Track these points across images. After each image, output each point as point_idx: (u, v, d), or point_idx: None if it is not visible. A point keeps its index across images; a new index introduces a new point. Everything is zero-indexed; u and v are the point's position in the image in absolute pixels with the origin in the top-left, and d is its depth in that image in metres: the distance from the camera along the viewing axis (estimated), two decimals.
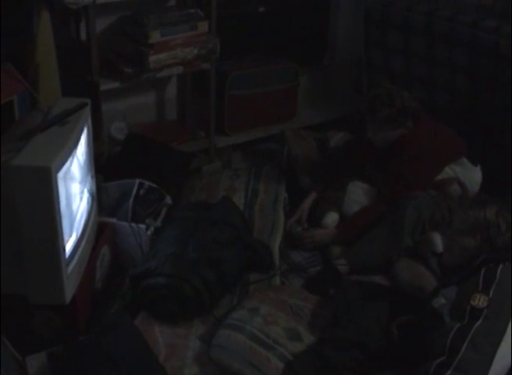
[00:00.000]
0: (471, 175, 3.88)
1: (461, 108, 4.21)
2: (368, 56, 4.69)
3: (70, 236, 2.83)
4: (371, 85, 4.77)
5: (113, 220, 3.44)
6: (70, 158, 2.72)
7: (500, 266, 2.66)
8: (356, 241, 3.63)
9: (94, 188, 3.25)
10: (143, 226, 3.42)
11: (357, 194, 3.89)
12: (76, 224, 2.91)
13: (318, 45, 5.32)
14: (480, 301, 2.56)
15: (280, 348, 2.89)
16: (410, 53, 4.38)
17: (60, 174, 2.58)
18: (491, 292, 2.58)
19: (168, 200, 3.70)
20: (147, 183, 3.62)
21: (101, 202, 3.47)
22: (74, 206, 2.88)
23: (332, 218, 3.88)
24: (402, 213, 3.50)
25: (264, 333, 2.95)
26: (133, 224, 3.41)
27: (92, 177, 3.19)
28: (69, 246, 2.80)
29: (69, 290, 2.82)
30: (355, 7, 4.94)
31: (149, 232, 3.44)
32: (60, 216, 2.62)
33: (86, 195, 3.09)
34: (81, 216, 3.01)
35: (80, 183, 2.97)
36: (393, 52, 4.49)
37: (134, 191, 3.55)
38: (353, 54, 5.00)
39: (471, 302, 2.56)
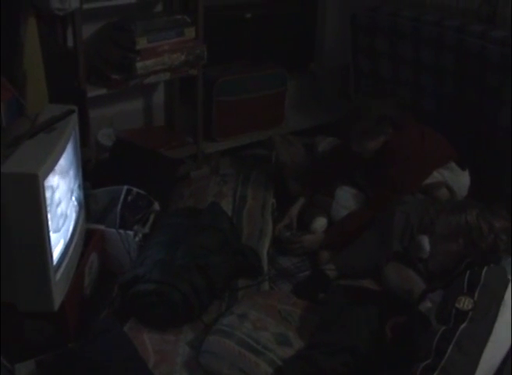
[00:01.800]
0: (460, 179, 3.90)
1: (448, 112, 4.22)
2: (355, 61, 4.70)
3: (58, 242, 2.82)
4: (358, 90, 4.78)
5: (101, 227, 3.43)
6: (58, 165, 2.72)
7: (485, 268, 2.67)
8: (344, 245, 3.64)
9: (82, 195, 3.25)
10: (131, 232, 3.42)
11: (345, 200, 3.90)
12: (64, 230, 2.91)
13: (305, 51, 5.33)
14: (465, 303, 2.57)
15: (269, 353, 2.90)
16: (397, 58, 4.39)
17: (48, 182, 2.58)
18: (476, 294, 2.59)
19: (157, 206, 3.70)
20: (135, 189, 3.62)
21: (88, 209, 3.47)
22: (62, 213, 2.87)
23: (320, 223, 3.89)
24: (390, 218, 3.51)
25: (253, 338, 2.95)
26: (122, 231, 3.41)
27: (80, 184, 3.19)
28: (56, 253, 2.79)
29: (58, 297, 2.82)
30: (342, 12, 4.95)
31: (137, 238, 3.44)
32: (48, 223, 2.62)
33: (73, 202, 3.09)
34: (69, 223, 3.00)
35: (68, 189, 2.97)
36: (380, 57, 4.50)
37: (122, 198, 3.54)
38: (341, 59, 5.02)
39: (456, 305, 2.57)
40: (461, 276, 2.69)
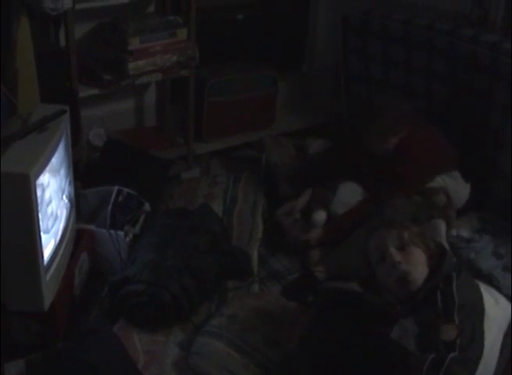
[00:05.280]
0: (461, 190, 3.87)
1: (439, 116, 4.23)
2: (346, 63, 4.70)
3: (49, 242, 2.82)
4: (349, 92, 4.79)
5: (92, 227, 3.43)
6: (49, 165, 2.72)
7: (454, 284, 2.60)
8: (340, 242, 3.63)
9: (73, 195, 3.24)
10: (121, 232, 3.42)
11: (347, 196, 3.87)
12: (54, 231, 2.91)
13: (296, 52, 5.33)
14: (448, 333, 2.48)
15: (258, 354, 2.91)
16: (388, 61, 4.40)
17: (39, 181, 2.58)
18: (456, 317, 2.51)
19: (147, 207, 3.70)
20: (125, 189, 3.61)
21: (79, 209, 3.47)
22: (53, 213, 2.87)
23: (320, 216, 3.86)
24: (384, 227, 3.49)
25: (242, 340, 2.97)
26: (112, 231, 3.40)
27: (71, 184, 3.18)
28: (47, 253, 2.79)
29: (48, 296, 2.82)
30: (333, 14, 4.95)
31: (128, 239, 3.44)
32: (39, 223, 2.62)
33: (64, 202, 3.09)
34: (60, 223, 3.00)
35: (59, 189, 2.97)
36: (372, 60, 4.51)
37: (113, 198, 3.54)
38: (332, 61, 5.02)
39: (442, 337, 2.48)
40: (430, 299, 2.61)
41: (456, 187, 3.86)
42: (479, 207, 3.89)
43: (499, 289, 3.16)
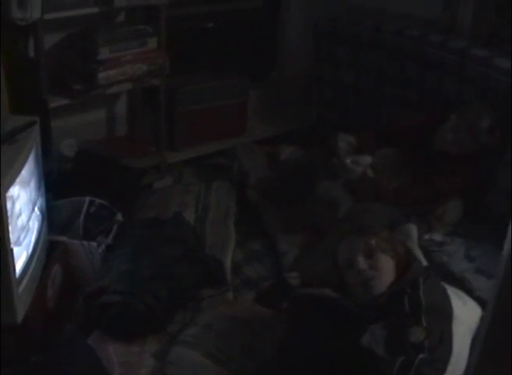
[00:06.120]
0: (456, 217, 3.83)
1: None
2: (317, 70, 4.73)
3: (21, 255, 2.81)
4: (321, 99, 4.81)
5: (64, 238, 3.41)
6: (19, 177, 2.70)
7: (421, 289, 2.62)
8: (314, 247, 3.63)
9: (44, 206, 3.23)
10: (94, 243, 3.40)
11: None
12: (26, 243, 2.89)
13: (267, 60, 5.35)
14: (416, 335, 2.49)
15: (234, 363, 2.89)
16: (359, 67, 4.43)
17: (8, 193, 2.57)
18: (423, 320, 2.52)
19: (119, 217, 3.68)
20: (97, 200, 3.60)
21: (51, 220, 3.44)
22: (23, 225, 2.86)
23: (366, 160, 3.88)
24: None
25: (217, 348, 2.95)
26: (85, 242, 3.39)
27: (42, 195, 3.17)
28: (19, 265, 2.78)
29: (21, 309, 2.80)
30: (304, 21, 4.98)
31: (101, 249, 3.42)
32: (9, 235, 2.60)
33: (36, 213, 3.07)
34: (32, 235, 2.99)
35: (30, 201, 2.95)
36: (342, 66, 4.54)
37: (85, 209, 3.52)
38: (303, 68, 5.04)
39: (411, 339, 2.49)
40: (398, 303, 2.62)
41: (456, 211, 3.80)
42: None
43: (470, 291, 3.18)
